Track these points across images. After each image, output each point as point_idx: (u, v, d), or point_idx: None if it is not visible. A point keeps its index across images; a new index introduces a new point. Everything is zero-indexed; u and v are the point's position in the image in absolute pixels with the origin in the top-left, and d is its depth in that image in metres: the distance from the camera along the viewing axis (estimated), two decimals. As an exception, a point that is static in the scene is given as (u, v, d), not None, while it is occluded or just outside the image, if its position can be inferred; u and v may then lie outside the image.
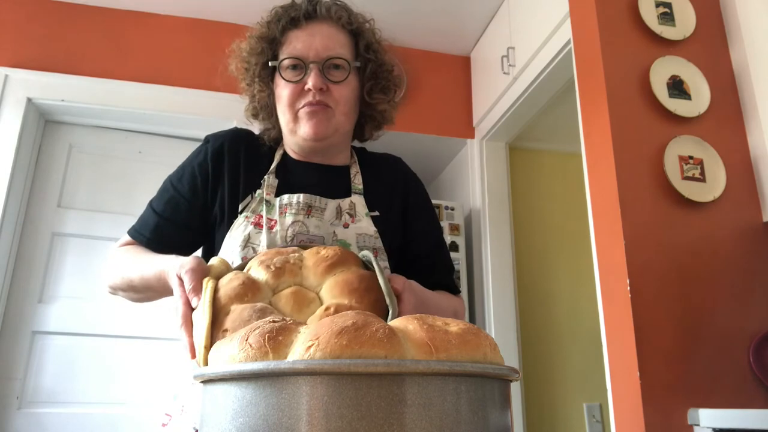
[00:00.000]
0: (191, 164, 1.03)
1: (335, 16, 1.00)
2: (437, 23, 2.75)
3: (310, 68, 0.97)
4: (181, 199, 1.00)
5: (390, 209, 1.05)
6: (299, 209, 0.96)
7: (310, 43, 0.98)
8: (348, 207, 1.00)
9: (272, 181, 1.00)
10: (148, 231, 0.99)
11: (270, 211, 0.96)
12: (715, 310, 1.47)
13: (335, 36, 1.00)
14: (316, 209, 0.98)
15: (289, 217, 0.95)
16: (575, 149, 2.06)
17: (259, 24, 1.03)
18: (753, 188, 1.60)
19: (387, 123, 1.11)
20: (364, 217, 1.00)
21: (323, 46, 0.98)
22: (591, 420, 2.60)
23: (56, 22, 2.56)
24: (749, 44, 1.66)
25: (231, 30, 2.70)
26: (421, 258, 1.06)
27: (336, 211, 0.99)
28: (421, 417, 0.43)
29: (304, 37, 0.98)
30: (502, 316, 2.58)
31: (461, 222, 2.77)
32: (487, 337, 0.52)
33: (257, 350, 0.47)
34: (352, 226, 0.98)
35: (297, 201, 0.97)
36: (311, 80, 0.96)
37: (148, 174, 2.62)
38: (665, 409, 1.35)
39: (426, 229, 1.09)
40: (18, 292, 2.36)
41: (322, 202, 0.98)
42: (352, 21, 1.02)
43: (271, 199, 0.98)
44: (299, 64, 0.97)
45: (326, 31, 1.00)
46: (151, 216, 1.00)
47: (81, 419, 2.28)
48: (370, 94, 1.05)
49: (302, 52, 0.97)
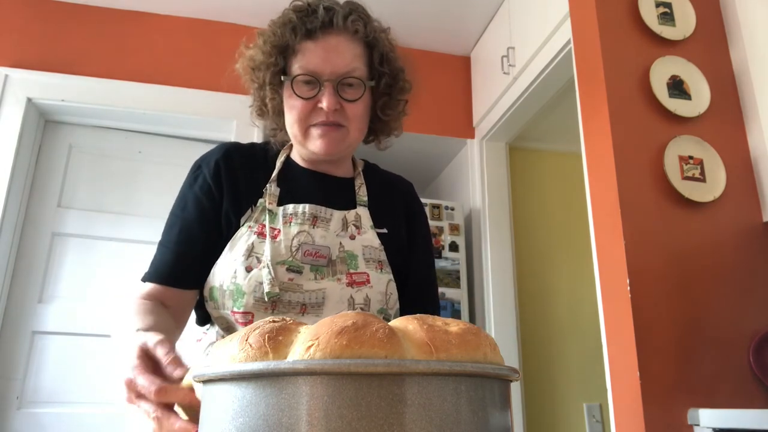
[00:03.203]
0: (192, 192, 0.98)
1: (351, 28, 0.97)
2: (437, 23, 2.76)
3: (325, 86, 0.94)
4: (193, 224, 0.95)
5: (396, 228, 1.05)
6: (305, 219, 0.95)
7: (325, 59, 0.94)
8: (354, 219, 0.99)
9: (274, 189, 0.98)
10: (167, 268, 0.92)
11: (273, 221, 0.95)
12: (715, 310, 1.47)
13: (350, 50, 0.97)
14: (321, 220, 0.96)
15: (294, 227, 0.94)
16: (575, 149, 2.06)
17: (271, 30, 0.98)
18: (753, 188, 1.60)
19: (397, 134, 1.10)
20: (369, 230, 1.00)
21: (339, 63, 0.94)
22: (591, 420, 2.60)
23: (56, 22, 2.56)
24: (749, 44, 1.66)
25: (231, 30, 2.71)
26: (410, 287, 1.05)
27: (342, 223, 0.98)
28: (421, 417, 0.43)
29: (320, 51, 0.95)
30: (502, 316, 2.58)
31: (461, 222, 2.77)
32: (487, 337, 0.52)
33: (257, 350, 0.47)
34: (358, 237, 0.98)
35: (303, 211, 0.96)
36: (326, 100, 0.93)
37: (148, 174, 2.62)
38: (665, 409, 1.35)
39: (421, 259, 1.09)
40: (18, 292, 2.36)
41: (328, 212, 0.97)
42: (369, 32, 0.99)
43: (274, 209, 0.96)
44: (313, 80, 0.95)
45: (342, 45, 0.96)
46: (166, 253, 0.94)
47: (81, 419, 2.28)
48: (383, 110, 1.03)
49: (317, 68, 0.94)
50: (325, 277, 0.92)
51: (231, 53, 1.06)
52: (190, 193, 0.98)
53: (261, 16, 1.04)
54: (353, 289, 0.93)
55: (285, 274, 0.90)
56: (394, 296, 0.99)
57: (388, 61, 1.02)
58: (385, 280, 0.97)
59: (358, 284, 0.94)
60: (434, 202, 2.76)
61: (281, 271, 0.90)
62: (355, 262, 0.95)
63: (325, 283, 0.92)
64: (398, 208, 1.08)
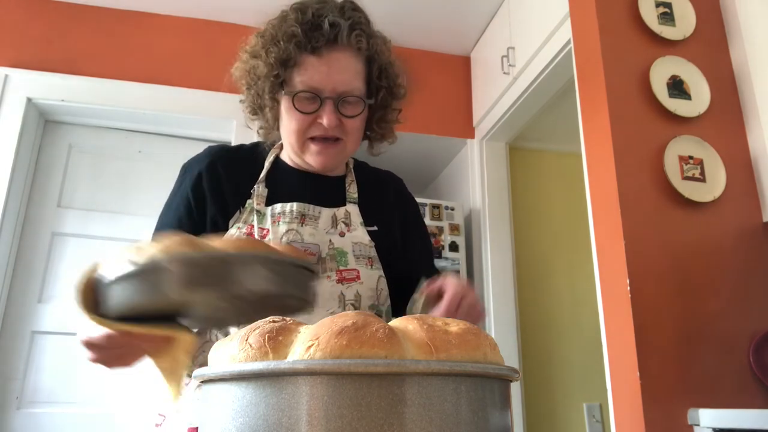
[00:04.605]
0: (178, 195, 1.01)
1: (355, 45, 0.97)
2: (437, 23, 2.75)
3: (326, 103, 0.95)
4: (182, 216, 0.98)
5: (388, 224, 1.05)
6: (293, 218, 0.96)
7: (327, 76, 0.94)
8: (343, 216, 1.00)
9: (262, 190, 1.00)
10: None
11: (262, 221, 0.96)
12: (715, 310, 1.47)
13: (352, 67, 0.97)
14: (309, 218, 0.97)
15: (282, 226, 0.95)
16: (575, 149, 2.06)
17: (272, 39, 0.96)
18: (753, 188, 1.60)
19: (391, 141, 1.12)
20: (359, 227, 1.00)
21: (340, 81, 0.95)
22: (591, 420, 2.60)
23: (56, 22, 2.56)
24: (749, 44, 1.66)
25: (231, 30, 2.71)
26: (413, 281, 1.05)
27: (331, 220, 0.99)
28: (421, 417, 0.43)
29: (322, 68, 0.95)
30: (502, 316, 2.58)
31: (461, 222, 2.77)
32: (487, 337, 0.52)
33: (257, 350, 0.47)
34: (348, 234, 0.98)
35: (290, 210, 0.97)
36: (326, 118, 0.94)
37: (147, 174, 2.62)
38: (665, 409, 1.35)
39: (422, 250, 1.11)
40: (18, 292, 2.36)
41: (316, 210, 0.98)
42: (371, 47, 0.99)
43: (262, 209, 0.97)
44: (314, 96, 0.95)
45: (344, 63, 0.96)
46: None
47: (81, 419, 2.28)
48: (379, 123, 1.06)
49: (318, 84, 0.94)
50: None
51: (231, 53, 1.05)
52: (176, 197, 1.01)
53: (261, 15, 1.04)
54: (343, 286, 0.94)
55: None
56: (385, 292, 0.99)
57: (387, 74, 1.03)
58: (376, 276, 0.97)
59: (348, 281, 0.94)
60: (434, 202, 2.76)
61: None
62: (345, 259, 0.96)
63: None
64: (389, 204, 1.09)
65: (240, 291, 0.58)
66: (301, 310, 0.69)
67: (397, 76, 1.06)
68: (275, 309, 0.65)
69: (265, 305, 0.64)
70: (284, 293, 0.63)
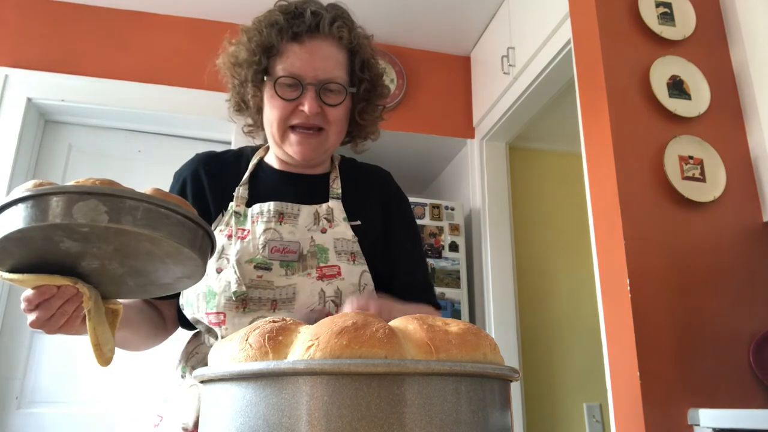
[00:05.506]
0: None
1: (337, 34, 0.99)
2: (437, 23, 2.75)
3: (307, 89, 0.96)
4: None
5: (371, 218, 1.05)
6: (270, 217, 0.97)
7: (309, 63, 0.97)
8: (326, 212, 1.01)
9: (242, 192, 1.01)
10: None
11: (241, 222, 0.97)
12: (715, 310, 1.46)
13: (334, 56, 0.99)
14: (288, 216, 0.98)
15: (260, 226, 0.96)
16: (575, 149, 2.06)
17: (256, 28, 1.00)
18: (753, 188, 1.60)
19: (374, 138, 1.12)
20: (342, 222, 1.00)
21: (322, 68, 0.97)
22: (591, 420, 2.60)
23: (56, 22, 2.56)
24: (749, 44, 1.66)
25: (231, 30, 2.70)
26: (399, 275, 1.05)
27: (313, 217, 0.99)
28: (421, 417, 0.43)
29: (304, 55, 0.97)
30: (502, 316, 2.57)
31: (461, 222, 2.77)
32: (487, 337, 0.52)
33: (257, 350, 0.47)
34: (329, 231, 0.99)
35: (267, 209, 0.97)
36: (307, 104, 0.96)
37: (147, 174, 2.62)
38: (665, 409, 1.35)
39: (406, 246, 1.09)
40: (18, 292, 2.36)
41: (294, 208, 0.99)
42: (352, 38, 1.02)
43: (242, 210, 0.98)
44: (296, 83, 0.97)
45: (326, 51, 0.99)
46: None
47: (80, 419, 2.28)
48: (361, 115, 1.06)
49: (300, 71, 0.97)
50: (296, 273, 0.93)
51: (231, 54, 1.06)
52: None
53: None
54: (324, 283, 0.94)
55: (253, 271, 0.91)
56: (370, 287, 0.99)
57: (369, 67, 1.05)
58: (358, 271, 0.97)
59: (328, 277, 0.95)
60: (434, 202, 2.76)
61: (249, 269, 0.91)
62: (326, 256, 0.96)
63: (296, 278, 0.93)
64: (374, 198, 1.09)
65: (78, 223, 0.59)
66: (184, 264, 0.67)
67: (380, 75, 1.07)
68: (161, 264, 0.66)
69: (152, 257, 0.65)
70: (137, 233, 0.61)
